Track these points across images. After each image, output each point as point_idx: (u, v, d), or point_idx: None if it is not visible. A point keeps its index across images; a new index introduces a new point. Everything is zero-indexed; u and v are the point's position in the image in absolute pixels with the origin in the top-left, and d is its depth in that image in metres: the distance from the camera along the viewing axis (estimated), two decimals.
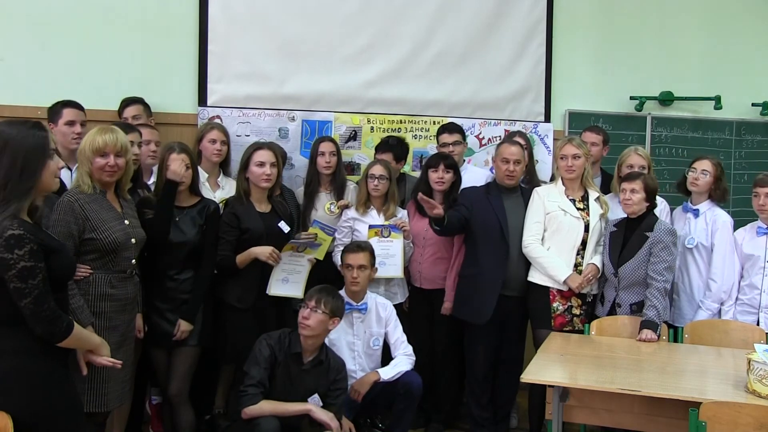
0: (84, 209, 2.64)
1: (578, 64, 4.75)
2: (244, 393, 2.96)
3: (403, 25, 4.49)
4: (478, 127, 4.56)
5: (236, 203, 3.38)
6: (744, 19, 4.87)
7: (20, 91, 3.82)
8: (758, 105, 4.87)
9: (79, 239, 2.62)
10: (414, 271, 3.77)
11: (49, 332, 2.07)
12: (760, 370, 2.48)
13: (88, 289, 2.65)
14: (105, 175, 2.71)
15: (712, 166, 3.63)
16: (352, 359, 3.41)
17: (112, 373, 2.65)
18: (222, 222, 3.31)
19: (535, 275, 3.53)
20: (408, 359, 3.41)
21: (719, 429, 2.31)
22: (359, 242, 3.51)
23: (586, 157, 3.55)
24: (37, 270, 2.02)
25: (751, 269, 3.51)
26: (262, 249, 3.29)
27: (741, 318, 3.48)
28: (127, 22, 4.06)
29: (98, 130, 2.75)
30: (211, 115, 4.17)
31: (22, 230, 2.01)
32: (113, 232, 2.69)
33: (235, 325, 3.28)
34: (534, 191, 3.62)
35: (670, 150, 4.83)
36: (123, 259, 2.74)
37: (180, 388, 3.16)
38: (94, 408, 2.65)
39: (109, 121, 3.43)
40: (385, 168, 3.69)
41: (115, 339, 2.68)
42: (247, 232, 3.32)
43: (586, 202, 3.56)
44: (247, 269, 3.30)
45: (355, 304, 3.41)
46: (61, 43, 3.96)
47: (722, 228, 3.56)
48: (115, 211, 2.76)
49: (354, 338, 3.42)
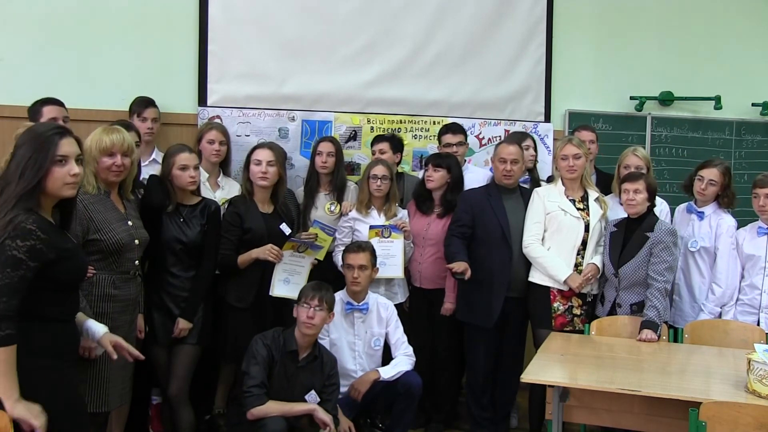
0: (88, 210, 2.64)
1: (578, 64, 4.75)
2: (250, 394, 2.96)
3: (403, 25, 4.49)
4: (478, 127, 4.56)
5: (239, 203, 3.38)
6: (744, 20, 4.87)
7: (20, 91, 3.81)
8: (758, 105, 4.86)
9: (83, 240, 2.62)
10: (414, 271, 3.77)
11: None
12: (760, 370, 2.48)
13: (91, 290, 2.65)
14: (112, 174, 2.72)
15: (720, 175, 3.59)
16: (353, 359, 3.41)
17: (113, 374, 2.66)
18: (225, 221, 3.32)
19: (535, 275, 3.53)
20: (408, 359, 3.40)
21: (719, 429, 2.31)
22: (360, 242, 3.51)
23: (585, 156, 3.55)
24: (23, 266, 1.97)
25: (751, 269, 3.51)
26: (261, 249, 3.30)
27: (741, 318, 3.48)
28: (128, 22, 4.06)
29: (104, 129, 2.75)
30: (211, 115, 4.17)
31: (34, 226, 1.99)
32: (117, 233, 2.69)
33: (235, 325, 3.29)
34: (534, 192, 3.62)
35: (670, 150, 4.83)
36: (126, 260, 2.75)
37: (179, 388, 3.16)
38: (96, 408, 2.66)
39: (109, 121, 3.43)
40: (387, 168, 3.68)
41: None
42: (249, 232, 3.32)
43: (585, 202, 3.55)
44: (247, 269, 3.32)
45: (356, 304, 3.40)
46: (61, 43, 3.96)
47: (726, 233, 3.56)
48: (119, 212, 2.76)
49: (355, 338, 3.42)
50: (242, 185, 3.47)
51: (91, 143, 2.71)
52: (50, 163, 2.04)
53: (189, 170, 3.14)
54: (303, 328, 3.06)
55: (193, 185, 3.17)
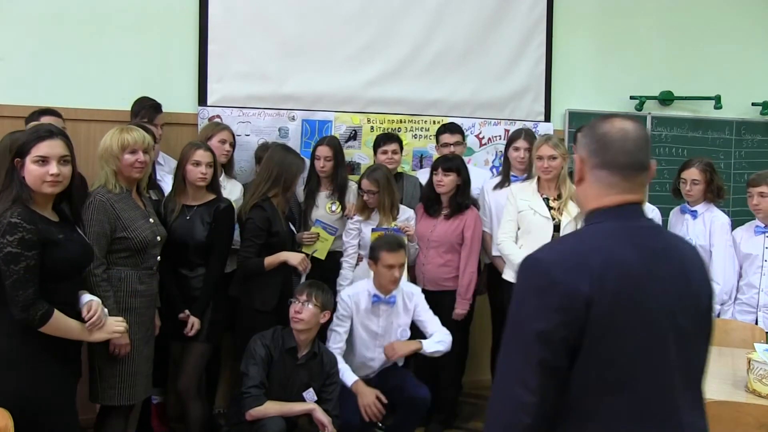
0: (115, 209, 2.72)
1: (578, 64, 4.75)
2: (248, 394, 2.96)
3: (403, 24, 4.48)
4: (478, 126, 4.56)
5: (267, 206, 3.34)
6: (744, 20, 4.88)
7: (20, 91, 3.81)
8: (758, 105, 4.87)
9: (111, 238, 2.71)
10: (418, 273, 3.76)
11: (23, 318, 2.17)
12: (760, 369, 2.48)
13: (120, 286, 2.74)
14: (135, 171, 2.79)
15: (700, 173, 3.66)
16: (373, 347, 3.36)
17: (140, 367, 2.78)
18: (255, 226, 3.29)
19: (509, 273, 3.54)
20: (448, 336, 3.36)
21: (719, 429, 2.30)
22: (393, 240, 3.36)
23: (563, 157, 3.51)
24: (21, 258, 2.14)
25: (749, 268, 3.53)
26: (294, 255, 3.33)
27: (740, 317, 3.50)
28: (128, 22, 4.06)
29: (121, 129, 2.82)
30: (211, 114, 4.16)
31: (18, 219, 2.14)
32: (142, 230, 2.78)
33: (258, 328, 3.22)
34: (509, 190, 3.65)
35: (670, 150, 4.84)
36: (150, 257, 2.83)
37: (187, 384, 3.20)
38: (125, 401, 2.76)
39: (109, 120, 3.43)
40: (373, 182, 3.61)
41: (143, 333, 2.82)
42: (276, 236, 3.33)
43: (561, 200, 3.51)
44: (269, 272, 3.31)
45: (383, 297, 3.35)
46: (61, 43, 3.96)
47: (720, 229, 3.58)
48: (141, 210, 2.84)
49: (378, 328, 3.37)
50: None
51: (112, 142, 2.76)
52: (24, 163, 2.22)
53: (201, 166, 3.16)
54: (291, 323, 3.07)
55: (202, 181, 3.18)
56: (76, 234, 2.38)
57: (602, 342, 1.28)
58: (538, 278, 1.32)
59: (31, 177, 2.22)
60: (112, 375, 2.71)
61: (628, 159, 1.42)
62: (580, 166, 1.48)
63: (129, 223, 2.74)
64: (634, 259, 1.34)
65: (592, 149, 1.45)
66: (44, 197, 2.27)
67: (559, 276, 1.30)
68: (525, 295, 1.34)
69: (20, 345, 2.20)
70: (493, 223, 3.87)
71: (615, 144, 1.42)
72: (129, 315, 2.71)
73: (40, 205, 2.26)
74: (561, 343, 1.26)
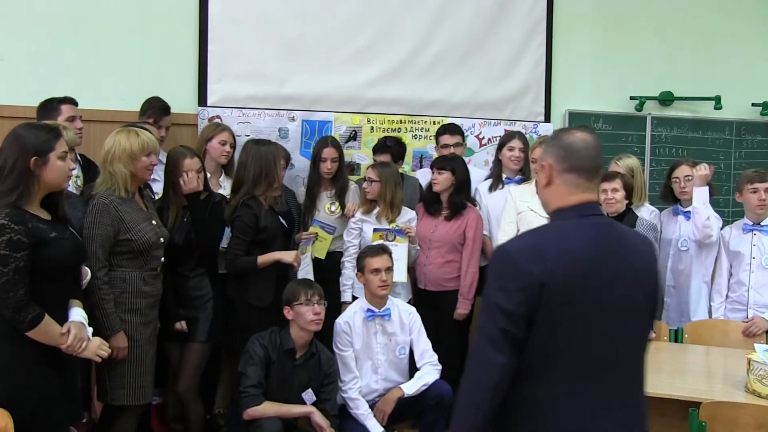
0: (118, 210, 2.73)
1: (578, 64, 4.75)
2: (246, 394, 2.96)
3: (403, 25, 4.48)
4: (478, 127, 4.55)
5: (252, 203, 3.34)
6: (744, 20, 4.88)
7: (20, 91, 3.81)
8: (758, 105, 4.87)
9: (114, 240, 2.71)
10: (419, 274, 3.75)
11: (13, 320, 2.14)
12: (760, 370, 2.48)
13: (124, 287, 2.75)
14: (147, 173, 2.83)
15: (692, 170, 3.66)
16: (374, 380, 3.28)
17: (148, 367, 2.81)
18: (242, 223, 3.30)
19: None
20: (434, 369, 3.27)
21: (719, 429, 2.31)
22: (375, 246, 3.36)
23: None
24: (10, 259, 2.10)
25: (738, 266, 3.56)
26: (287, 253, 3.33)
27: (731, 315, 3.53)
28: (128, 22, 4.06)
29: (131, 132, 2.81)
30: (211, 115, 4.17)
31: (6, 220, 2.10)
32: (146, 232, 2.78)
33: (255, 324, 3.21)
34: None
35: (670, 150, 4.83)
36: (153, 258, 2.84)
37: (187, 385, 3.20)
38: (135, 400, 2.78)
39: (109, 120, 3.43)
40: (376, 171, 3.63)
41: (148, 334, 2.83)
42: (264, 231, 3.33)
43: None
44: (264, 269, 3.31)
45: (377, 311, 3.26)
46: (61, 43, 3.96)
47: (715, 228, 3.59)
48: (144, 212, 2.85)
49: (376, 354, 3.28)
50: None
51: (130, 144, 2.75)
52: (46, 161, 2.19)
53: (193, 173, 3.17)
54: (312, 327, 3.04)
55: (199, 187, 3.20)
56: (68, 232, 2.35)
57: (552, 317, 1.57)
58: (506, 265, 1.63)
59: (57, 173, 2.23)
60: (120, 375, 2.72)
61: (591, 164, 1.72)
62: (549, 172, 1.73)
63: (132, 225, 2.75)
64: (586, 250, 1.62)
65: (560, 156, 1.72)
66: (38, 195, 2.23)
67: (522, 263, 1.59)
68: (495, 277, 1.63)
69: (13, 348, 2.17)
70: (491, 225, 3.87)
71: (581, 152, 1.71)
72: (134, 316, 2.74)
73: (34, 204, 2.23)
74: (521, 317, 1.57)
